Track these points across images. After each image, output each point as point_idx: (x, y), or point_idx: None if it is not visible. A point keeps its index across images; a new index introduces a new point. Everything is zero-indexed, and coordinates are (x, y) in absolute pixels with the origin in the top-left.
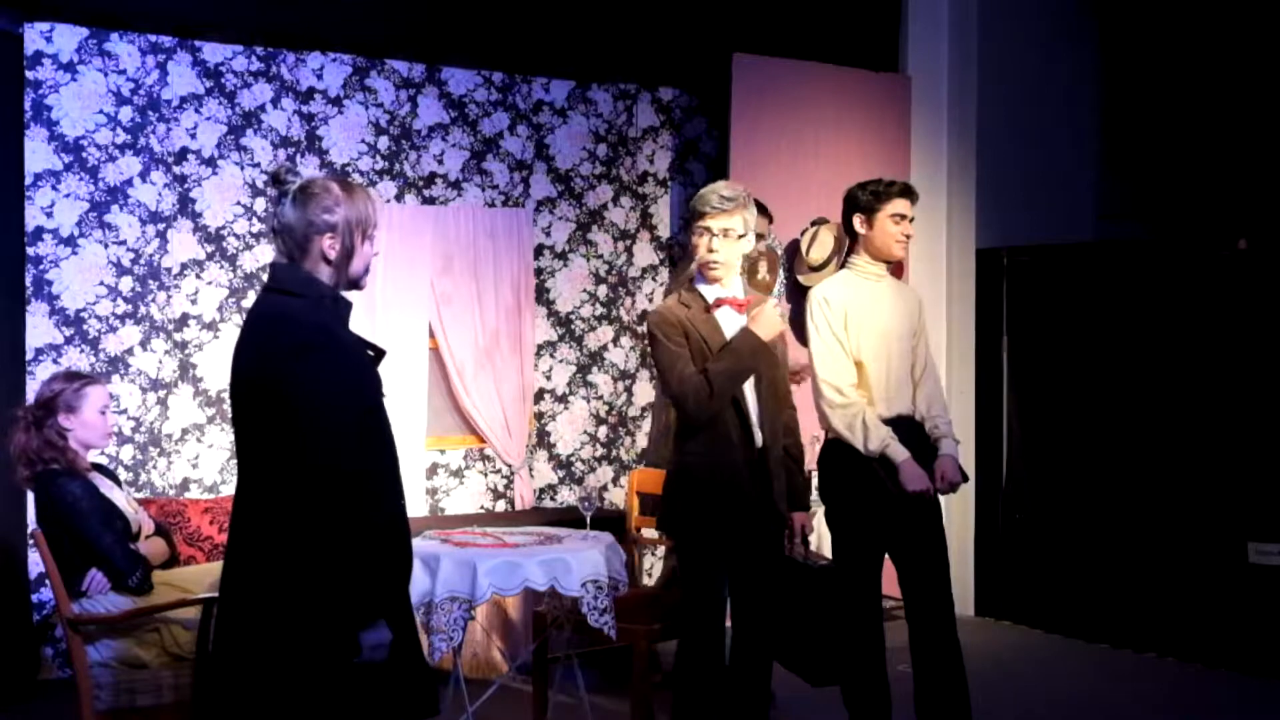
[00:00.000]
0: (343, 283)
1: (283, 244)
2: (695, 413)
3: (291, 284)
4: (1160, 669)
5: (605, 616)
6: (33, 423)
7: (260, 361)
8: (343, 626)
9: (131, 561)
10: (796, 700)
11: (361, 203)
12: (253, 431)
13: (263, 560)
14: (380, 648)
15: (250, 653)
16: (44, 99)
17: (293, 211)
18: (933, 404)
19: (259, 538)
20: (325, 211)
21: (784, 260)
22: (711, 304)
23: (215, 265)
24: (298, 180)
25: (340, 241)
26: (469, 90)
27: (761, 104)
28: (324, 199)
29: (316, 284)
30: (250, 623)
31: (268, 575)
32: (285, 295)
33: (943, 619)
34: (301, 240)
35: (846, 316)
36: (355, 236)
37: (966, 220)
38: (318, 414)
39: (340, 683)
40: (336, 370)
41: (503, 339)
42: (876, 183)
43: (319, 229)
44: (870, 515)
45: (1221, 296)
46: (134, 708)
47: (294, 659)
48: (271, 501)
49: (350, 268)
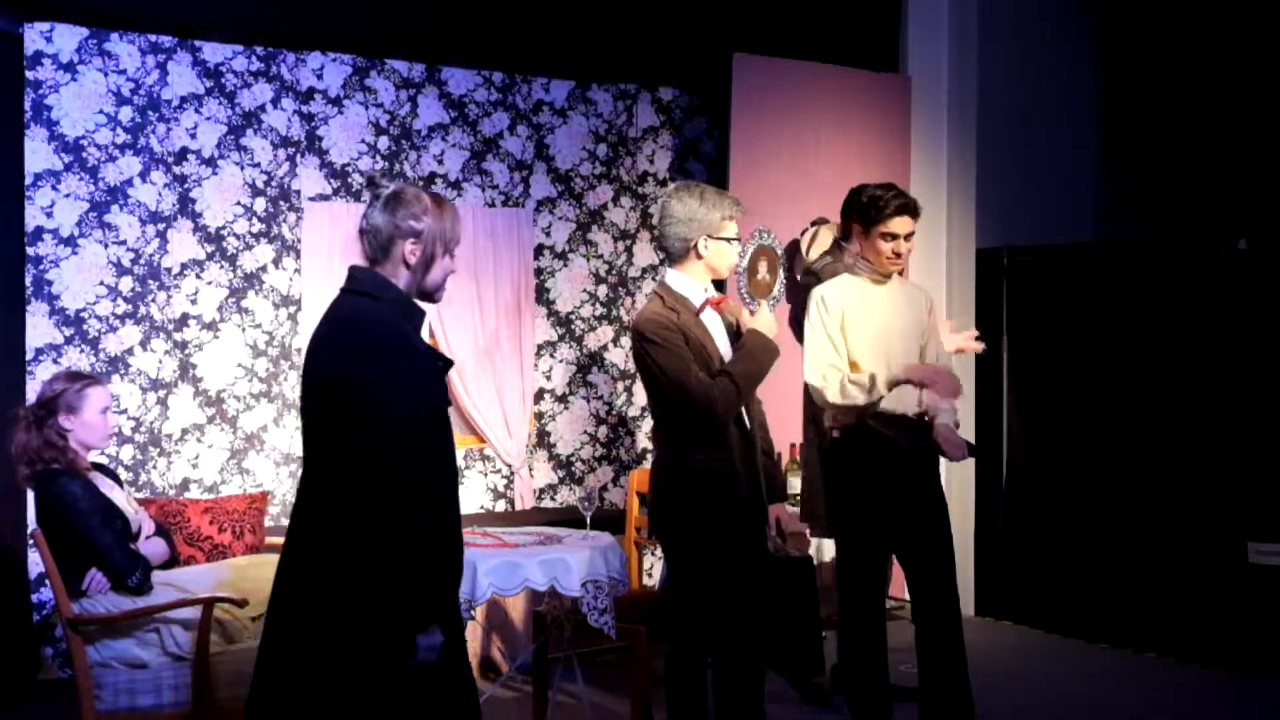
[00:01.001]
0: (418, 291)
1: (367, 245)
2: (724, 418)
3: (368, 286)
4: (1160, 669)
5: (605, 616)
6: (33, 422)
7: (332, 361)
8: (400, 628)
9: (131, 561)
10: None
11: (449, 217)
12: (320, 430)
13: (322, 559)
14: (433, 649)
15: (306, 651)
16: (44, 99)
17: (381, 215)
18: None
19: (320, 536)
20: (412, 218)
21: (784, 260)
22: (699, 307)
23: (215, 265)
24: (391, 187)
25: (422, 249)
26: (469, 90)
27: (761, 104)
28: (413, 206)
29: (392, 288)
30: (307, 621)
31: (326, 574)
32: (361, 297)
33: (948, 619)
34: (385, 243)
35: (844, 317)
36: (437, 247)
37: (966, 220)
38: (384, 416)
39: (394, 684)
40: (405, 374)
41: (503, 339)
42: (877, 197)
43: (403, 234)
44: (877, 512)
45: (1221, 296)
46: (134, 708)
47: (350, 659)
48: (334, 501)
49: (428, 277)
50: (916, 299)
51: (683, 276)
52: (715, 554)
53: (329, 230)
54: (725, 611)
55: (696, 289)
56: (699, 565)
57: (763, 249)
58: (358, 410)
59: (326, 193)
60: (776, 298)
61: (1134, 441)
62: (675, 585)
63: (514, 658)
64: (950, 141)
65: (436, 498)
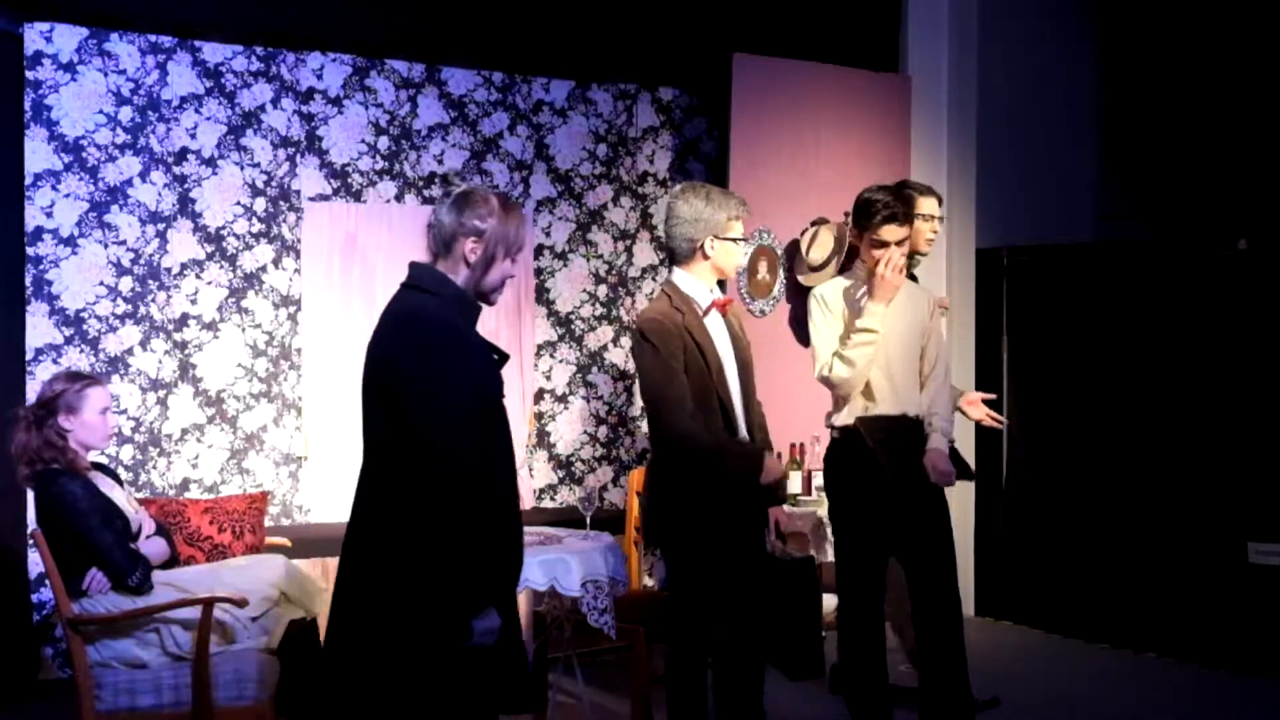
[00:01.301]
0: (475, 290)
1: (431, 241)
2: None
3: (426, 282)
4: (1160, 669)
5: (605, 616)
6: (33, 422)
7: (388, 354)
8: (455, 612)
9: (131, 561)
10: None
11: (514, 222)
12: (378, 421)
13: (379, 548)
14: (490, 633)
15: (366, 637)
16: (44, 99)
17: (448, 213)
18: (935, 403)
19: (378, 526)
20: (477, 218)
21: (784, 260)
22: (705, 309)
23: (215, 265)
24: (462, 188)
25: (483, 248)
26: (469, 90)
27: (761, 104)
28: (480, 207)
29: (449, 284)
30: (366, 607)
31: (383, 563)
32: (419, 292)
33: (949, 620)
34: (448, 239)
35: (844, 316)
36: (498, 248)
37: (966, 220)
38: (436, 409)
39: (451, 667)
40: (460, 367)
41: (502, 339)
42: (870, 201)
43: (466, 232)
44: (876, 513)
45: (1221, 296)
46: (134, 708)
47: (408, 642)
48: (391, 490)
49: (487, 277)
50: (919, 299)
51: (689, 277)
52: (713, 555)
53: (329, 230)
54: (725, 612)
55: (703, 290)
56: (698, 566)
57: (763, 249)
58: (412, 403)
59: (326, 193)
60: (776, 298)
61: (1134, 441)
62: (674, 585)
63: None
64: (950, 141)
65: (489, 488)
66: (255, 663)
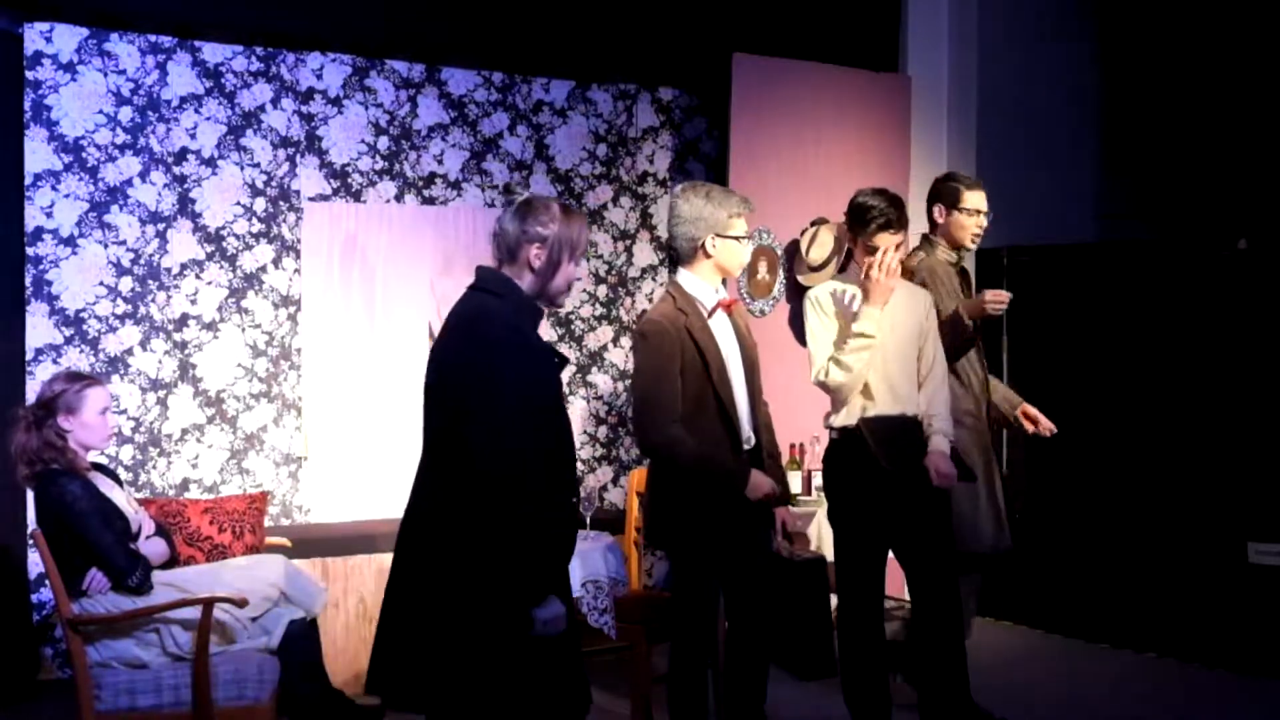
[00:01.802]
0: (542, 294)
1: (496, 248)
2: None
3: (492, 284)
4: (1160, 669)
5: (605, 616)
6: (33, 423)
7: (452, 354)
8: (516, 603)
9: (131, 561)
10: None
11: (576, 226)
12: (438, 417)
13: (438, 541)
14: (555, 619)
15: (429, 629)
16: (44, 99)
17: (511, 221)
18: (933, 403)
19: (435, 520)
20: (540, 225)
21: (783, 260)
22: (710, 310)
23: (215, 265)
24: (523, 195)
25: (547, 254)
26: (469, 90)
27: (761, 104)
28: (542, 214)
29: (514, 288)
30: (428, 600)
31: (442, 556)
32: (485, 294)
33: (949, 620)
34: (513, 246)
35: (838, 319)
36: (562, 253)
37: None
38: (496, 407)
39: (518, 658)
40: (523, 366)
41: None
42: (867, 208)
43: (530, 239)
44: (874, 512)
45: (1221, 296)
46: (134, 708)
47: (471, 635)
48: (448, 485)
49: (552, 282)
50: (917, 300)
51: (693, 277)
52: (717, 556)
53: (329, 230)
54: (730, 613)
55: (708, 290)
56: (701, 567)
57: (763, 249)
58: (472, 400)
59: (326, 193)
60: (776, 298)
61: (1134, 441)
62: (677, 586)
63: None
64: (950, 141)
65: (548, 479)
66: (255, 663)
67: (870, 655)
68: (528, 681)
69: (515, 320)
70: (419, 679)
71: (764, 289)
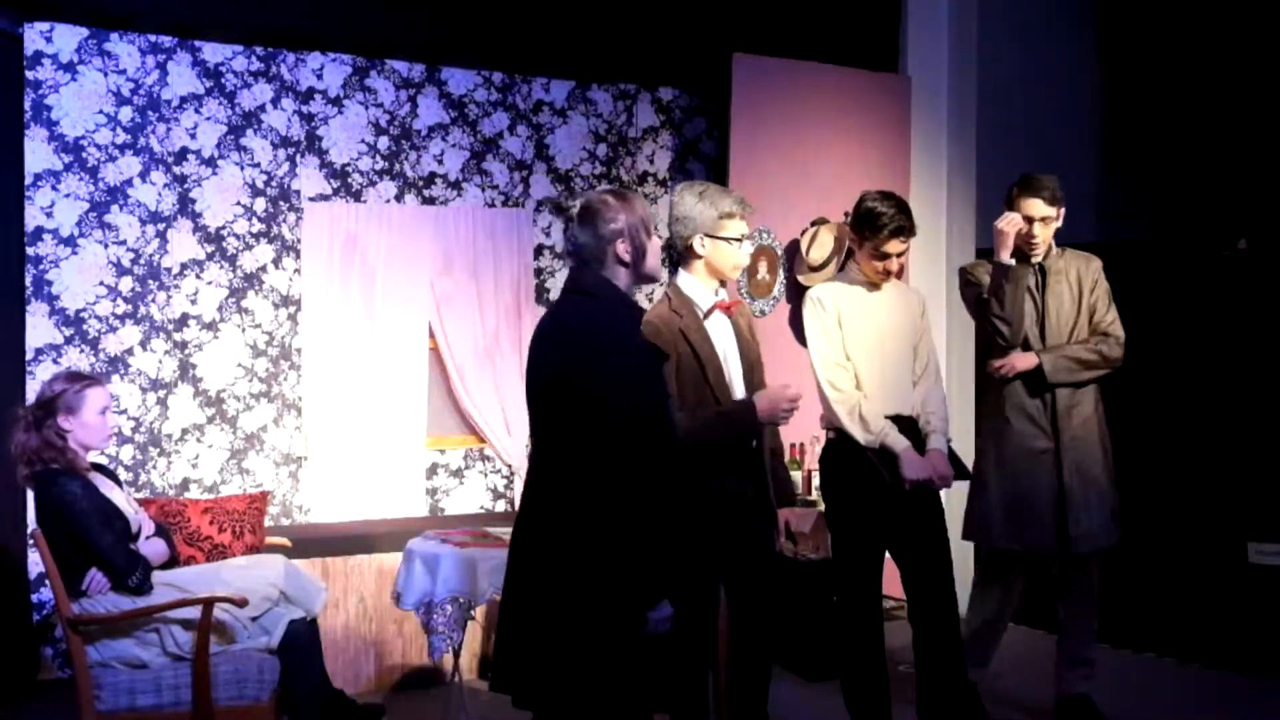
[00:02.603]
0: (640, 279)
1: (579, 260)
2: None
3: (589, 286)
4: (1160, 669)
5: None
6: (33, 422)
7: (558, 354)
8: (632, 603)
9: (131, 562)
10: (795, 700)
11: (639, 206)
12: (545, 421)
13: (552, 543)
14: (664, 620)
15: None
16: (44, 99)
17: (582, 232)
18: (929, 402)
19: (551, 520)
20: (610, 222)
21: (784, 260)
22: (706, 311)
23: (215, 265)
24: (577, 204)
25: (631, 243)
26: (469, 90)
27: (761, 104)
28: (605, 212)
29: (611, 287)
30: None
31: (557, 556)
32: (583, 296)
33: (946, 617)
34: (598, 253)
35: (840, 316)
36: (642, 235)
37: (966, 220)
38: (602, 406)
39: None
40: (626, 365)
41: (502, 339)
42: (877, 214)
43: (609, 238)
44: (871, 513)
45: (1221, 296)
46: (134, 708)
47: (587, 634)
48: (565, 484)
49: (645, 264)
50: (910, 300)
51: (690, 278)
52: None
53: (329, 230)
54: (733, 614)
55: (705, 291)
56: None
57: (763, 249)
58: (582, 398)
59: (326, 193)
60: (776, 298)
61: (1134, 441)
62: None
63: None
64: (950, 141)
65: (656, 477)
66: (255, 663)
67: (869, 656)
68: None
69: (614, 320)
70: (538, 678)
71: (764, 289)
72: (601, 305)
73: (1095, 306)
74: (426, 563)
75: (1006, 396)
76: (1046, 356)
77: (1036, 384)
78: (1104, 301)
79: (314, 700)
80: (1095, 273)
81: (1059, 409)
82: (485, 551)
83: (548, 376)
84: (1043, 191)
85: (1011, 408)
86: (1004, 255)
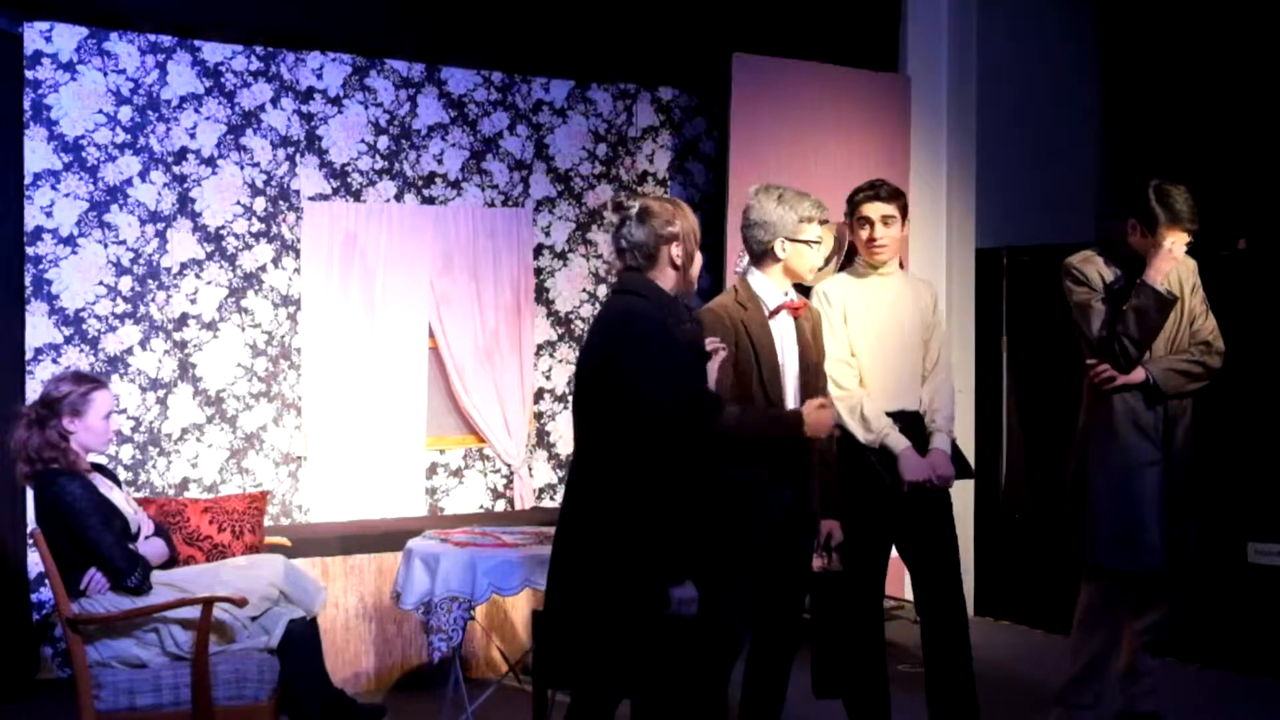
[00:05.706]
0: (684, 285)
1: (631, 258)
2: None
3: (637, 287)
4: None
5: None
6: (35, 421)
7: (604, 349)
8: (653, 581)
9: (130, 562)
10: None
11: (691, 215)
12: (588, 412)
13: (593, 521)
14: (689, 602)
15: (581, 604)
16: (44, 99)
17: (639, 230)
18: (935, 398)
19: (591, 502)
20: (667, 224)
21: None
22: (773, 310)
23: (215, 265)
24: (636, 204)
25: (683, 247)
26: (469, 90)
27: (761, 104)
28: (663, 215)
29: (657, 288)
30: (581, 576)
31: (596, 535)
32: (631, 295)
33: (955, 616)
34: (652, 252)
35: (845, 312)
36: (692, 243)
37: (966, 220)
38: (643, 398)
39: (654, 632)
40: (667, 361)
41: (502, 339)
42: (856, 189)
43: (665, 239)
44: (875, 512)
45: (1221, 296)
46: (133, 708)
47: (614, 610)
48: (602, 470)
49: (691, 270)
50: (921, 293)
51: (763, 278)
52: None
53: (329, 230)
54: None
55: (775, 291)
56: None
57: None
58: (620, 391)
59: (326, 192)
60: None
61: None
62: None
63: (514, 658)
64: (950, 141)
65: (687, 465)
66: (255, 662)
67: (870, 656)
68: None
69: (659, 318)
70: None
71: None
72: (643, 302)
73: (1195, 313)
74: (426, 562)
75: (1117, 408)
76: (1155, 369)
77: (1152, 396)
78: (1201, 307)
79: (314, 700)
80: (1193, 275)
81: (1169, 420)
82: (485, 551)
83: (590, 368)
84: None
85: (1123, 419)
86: (1159, 280)
